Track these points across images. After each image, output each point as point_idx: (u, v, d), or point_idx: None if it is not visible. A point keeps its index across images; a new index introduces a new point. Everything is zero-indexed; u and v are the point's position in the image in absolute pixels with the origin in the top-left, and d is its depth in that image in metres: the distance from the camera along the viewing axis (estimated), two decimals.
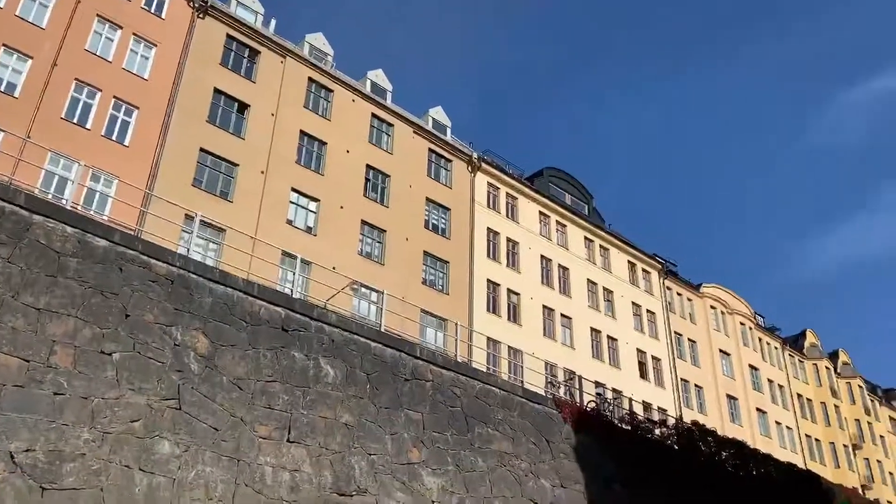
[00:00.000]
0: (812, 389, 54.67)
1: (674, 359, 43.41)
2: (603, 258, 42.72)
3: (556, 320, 37.25)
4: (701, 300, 48.61)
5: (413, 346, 17.18)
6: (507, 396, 18.60)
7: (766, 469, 26.72)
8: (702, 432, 25.29)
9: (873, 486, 51.85)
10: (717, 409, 44.20)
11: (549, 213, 40.20)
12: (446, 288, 32.51)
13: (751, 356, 49.69)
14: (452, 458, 16.17)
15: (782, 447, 46.41)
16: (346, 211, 29.90)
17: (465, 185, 35.91)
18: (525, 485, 17.44)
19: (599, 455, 20.05)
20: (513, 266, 36.48)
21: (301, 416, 13.85)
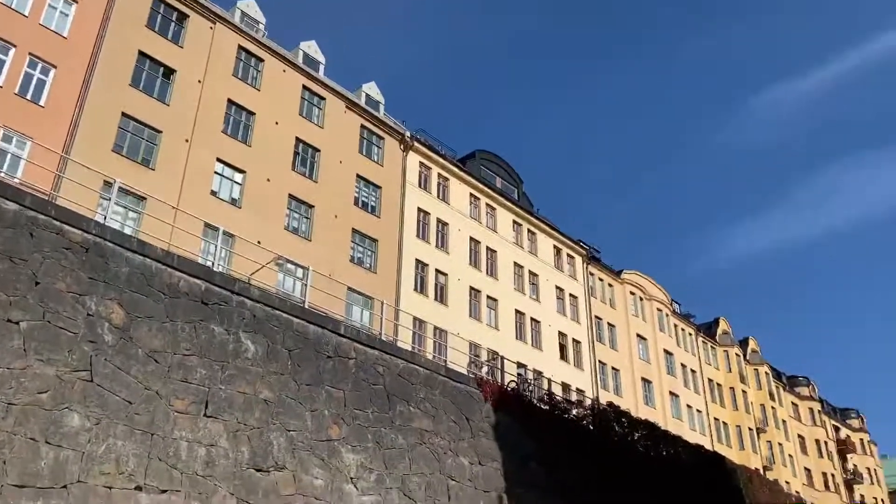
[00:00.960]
0: (722, 375, 57.13)
1: (593, 342, 44.60)
2: (530, 242, 43.38)
3: (482, 302, 37.68)
4: (621, 286, 50.00)
5: (337, 324, 17.12)
6: (430, 375, 18.77)
7: (676, 450, 27.90)
8: (616, 413, 26.18)
9: (774, 467, 54.75)
10: (633, 392, 45.71)
11: (479, 195, 40.48)
12: (374, 266, 32.41)
13: (666, 341, 51.50)
14: (373, 435, 16.25)
15: (692, 429, 48.41)
16: (273, 184, 29.36)
17: (397, 163, 35.76)
18: (444, 462, 17.68)
19: (518, 434, 20.50)
20: (442, 247, 36.64)
21: (219, 390, 13.64)
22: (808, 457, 62.95)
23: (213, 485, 12.78)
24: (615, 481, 22.84)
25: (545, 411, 22.74)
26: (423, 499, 16.66)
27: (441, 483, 17.30)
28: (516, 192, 45.16)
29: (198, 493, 12.51)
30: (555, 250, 45.12)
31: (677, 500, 25.25)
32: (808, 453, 63.24)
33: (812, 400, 68.36)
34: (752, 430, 55.65)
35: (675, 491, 25.39)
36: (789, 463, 58.40)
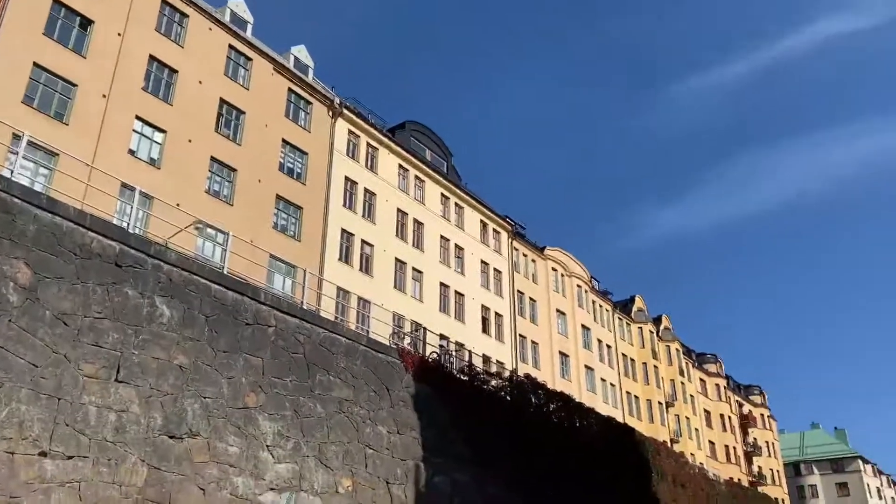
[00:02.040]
0: (636, 350, 59.19)
1: (515, 316, 45.41)
2: (457, 216, 43.60)
3: (407, 273, 37.74)
4: (544, 262, 50.96)
5: (257, 291, 16.85)
6: (351, 345, 18.74)
7: (589, 421, 28.83)
8: (533, 385, 26.81)
9: (680, 439, 57.32)
10: (550, 365, 46.88)
11: (408, 166, 40.33)
12: (298, 234, 31.96)
13: (584, 317, 52.91)
14: (291, 403, 16.15)
15: (605, 402, 50.11)
16: (195, 145, 28.46)
17: (325, 130, 35.19)
18: (362, 431, 17.77)
19: (437, 404, 20.76)
20: (368, 217, 36.41)
21: (132, 355, 13.26)
22: (712, 430, 66.15)
23: (123, 451, 12.49)
24: (530, 450, 23.48)
25: (465, 382, 23.09)
26: (341, 467, 16.73)
27: (359, 451, 17.40)
28: (445, 165, 45.21)
29: (107, 460, 12.20)
30: (481, 225, 45.51)
31: (589, 470, 26.18)
32: (712, 427, 66.44)
33: (719, 377, 71.68)
34: (661, 404, 58.00)
35: (586, 460, 26.30)
36: (695, 436, 61.24)
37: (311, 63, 36.47)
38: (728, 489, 40.68)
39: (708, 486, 37.13)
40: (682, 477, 34.10)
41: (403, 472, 18.61)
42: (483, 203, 46.01)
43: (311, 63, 36.53)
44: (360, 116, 37.72)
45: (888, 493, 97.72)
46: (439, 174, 42.69)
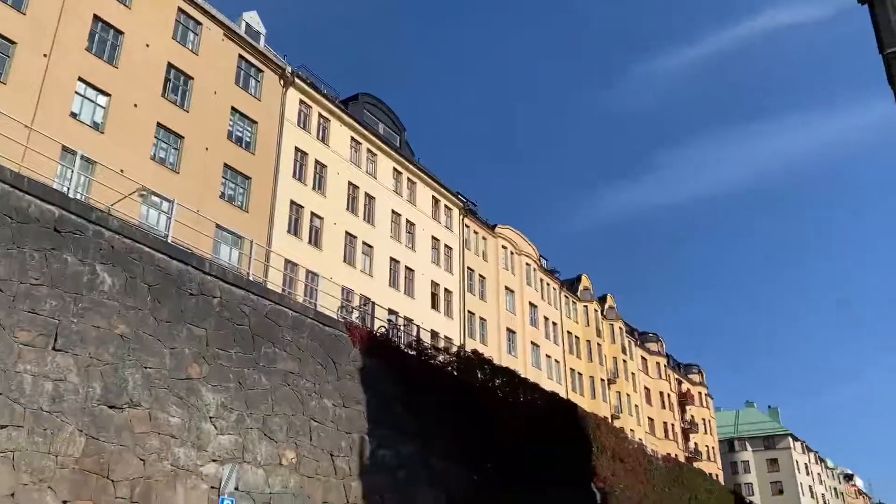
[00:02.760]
0: (581, 328, 60.26)
1: (464, 292, 45.71)
2: (409, 191, 43.46)
3: (357, 247, 37.56)
4: (494, 240, 51.30)
5: (202, 261, 16.57)
6: (298, 318, 18.63)
7: (533, 396, 29.33)
8: (479, 360, 27.10)
9: (621, 416, 58.79)
10: (497, 341, 47.42)
11: (360, 139, 39.95)
12: (246, 205, 31.45)
13: (532, 295, 53.58)
14: (235, 375, 16.02)
15: (550, 378, 51.00)
16: (141, 110, 27.67)
17: (276, 99, 34.57)
18: (307, 404, 17.74)
19: (384, 378, 20.84)
20: (319, 189, 36.02)
21: (70, 323, 12.95)
22: (652, 407, 68.00)
23: (59, 421, 12.23)
24: (476, 424, 23.80)
25: (412, 357, 23.21)
26: (285, 439, 16.70)
27: (303, 424, 17.39)
28: (398, 139, 44.94)
29: (42, 430, 11.94)
30: (433, 201, 45.48)
31: (532, 443, 26.68)
32: (652, 404, 68.30)
33: (660, 355, 73.57)
34: (603, 381, 59.31)
35: (530, 434, 26.79)
36: (635, 412, 62.88)
37: (262, 30, 35.69)
38: (665, 464, 41.93)
39: (646, 462, 38.21)
40: (621, 452, 35.00)
41: (348, 445, 18.68)
42: (435, 179, 45.95)
43: (263, 30, 35.76)
44: (313, 86, 37.14)
45: (815, 468, 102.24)
46: (392, 148, 42.43)
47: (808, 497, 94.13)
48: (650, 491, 36.64)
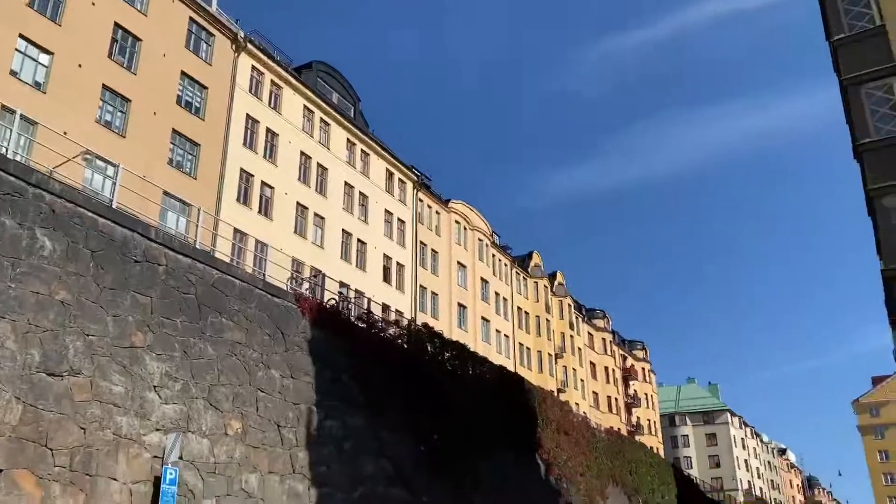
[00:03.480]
0: (530, 304, 61.02)
1: (416, 266, 45.77)
2: (363, 163, 43.10)
3: (308, 219, 37.19)
4: (448, 215, 51.37)
5: (147, 228, 16.25)
6: (246, 288, 18.46)
7: (482, 370, 29.72)
8: (430, 334, 27.28)
9: (567, 389, 59.92)
10: (448, 315, 47.72)
11: (313, 108, 39.36)
12: (195, 172, 30.79)
13: (484, 270, 53.96)
14: (181, 344, 15.83)
15: (499, 352, 51.62)
16: (86, 71, 26.73)
17: (227, 65, 33.75)
18: (254, 374, 17.66)
19: (333, 350, 20.84)
20: (270, 158, 35.45)
21: (8, 288, 12.59)
22: (597, 382, 69.49)
23: None
24: (424, 396, 24.02)
25: (362, 329, 23.24)
26: (231, 409, 16.62)
27: (250, 394, 17.32)
28: (353, 110, 44.43)
29: None
30: (387, 173, 45.22)
31: (480, 415, 27.07)
32: (597, 379, 69.78)
33: (606, 332, 75.04)
34: (551, 356, 60.30)
35: (478, 407, 27.17)
36: (580, 387, 64.17)
37: None
38: (608, 437, 43.00)
39: (589, 434, 39.14)
40: (565, 424, 35.77)
41: (295, 416, 18.69)
42: (390, 151, 45.65)
43: None
44: (265, 53, 36.37)
45: (751, 443, 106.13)
46: (346, 119, 41.94)
47: (743, 470, 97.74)
48: (592, 462, 37.60)
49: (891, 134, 16.15)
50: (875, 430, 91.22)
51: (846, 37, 18.04)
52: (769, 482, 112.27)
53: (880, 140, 16.16)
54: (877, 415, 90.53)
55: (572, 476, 34.52)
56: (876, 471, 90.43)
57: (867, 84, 16.90)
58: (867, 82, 16.90)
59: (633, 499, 42.68)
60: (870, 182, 16.31)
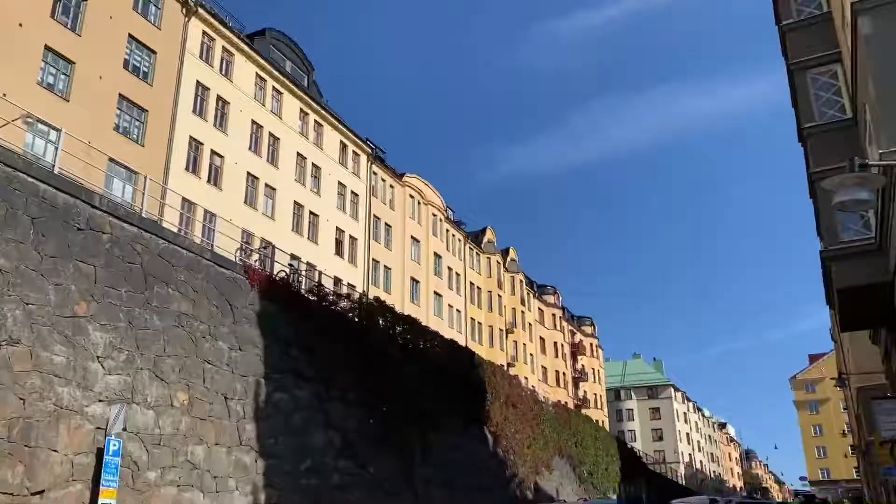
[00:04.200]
0: (483, 279, 61.46)
1: (369, 240, 45.58)
2: (316, 134, 42.54)
3: (259, 189, 36.63)
4: (402, 188, 51.18)
5: (91, 195, 15.80)
6: (193, 258, 18.15)
7: (433, 344, 29.91)
8: (381, 308, 27.29)
9: (517, 364, 60.77)
10: (401, 289, 47.77)
11: (266, 77, 38.61)
12: (142, 139, 29.99)
13: (437, 245, 54.05)
14: (125, 315, 15.52)
15: (450, 327, 51.95)
16: (27, 31, 25.68)
17: (177, 29, 32.80)
18: (201, 346, 17.44)
19: (283, 322, 20.69)
20: (220, 127, 34.72)
21: None
22: (546, 356, 70.60)
23: None
24: (375, 370, 24.07)
25: (313, 302, 23.10)
26: (177, 381, 16.40)
27: (197, 366, 17.11)
28: (306, 79, 43.71)
29: None
30: (340, 145, 44.75)
31: (430, 388, 27.28)
32: (546, 353, 70.89)
33: (556, 308, 76.14)
34: (502, 331, 60.97)
35: (428, 380, 27.37)
36: (530, 361, 65.14)
37: None
38: (555, 410, 43.84)
39: (537, 407, 39.84)
40: (514, 398, 36.33)
41: (243, 388, 18.56)
42: (343, 123, 45.14)
43: None
44: (217, 18, 35.45)
45: (693, 417, 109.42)
46: (299, 88, 41.26)
47: (685, 443, 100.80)
48: (539, 435, 38.34)
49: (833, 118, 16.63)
50: (810, 405, 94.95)
51: (794, 22, 18.40)
52: (709, 455, 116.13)
53: (823, 124, 16.61)
54: (812, 391, 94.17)
55: (519, 448, 35.16)
56: (809, 444, 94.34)
57: (813, 69, 17.30)
58: (813, 67, 17.30)
59: (577, 470, 43.71)
60: (812, 165, 16.79)
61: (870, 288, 14.35)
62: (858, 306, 15.59)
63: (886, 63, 11.56)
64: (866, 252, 14.43)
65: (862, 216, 14.86)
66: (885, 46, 11.66)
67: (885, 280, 13.88)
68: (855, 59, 13.26)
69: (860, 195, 7.69)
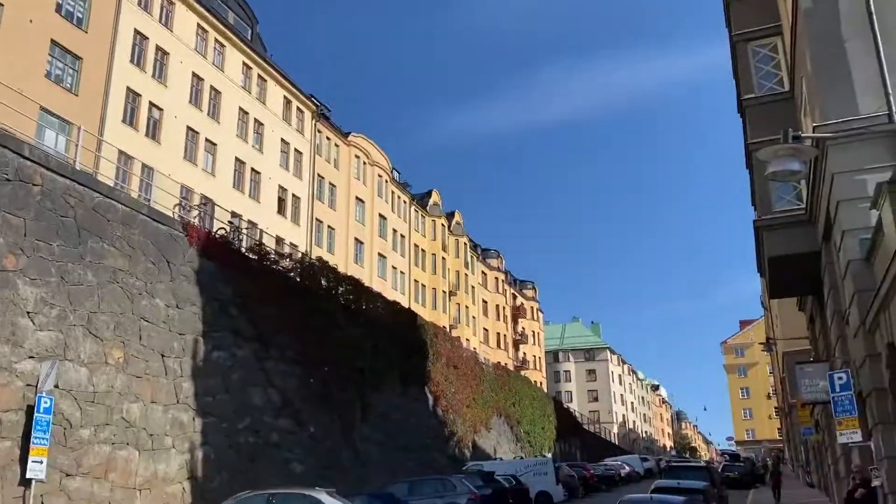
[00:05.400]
0: (427, 242, 61.53)
1: (313, 199, 44.98)
2: (259, 89, 41.47)
3: (199, 144, 35.63)
4: (347, 148, 50.51)
5: (20, 144, 15.15)
6: (129, 213, 17.65)
7: (376, 305, 29.94)
8: (324, 268, 27.12)
9: (459, 326, 61.37)
10: (345, 250, 47.46)
11: (208, 28, 37.30)
12: (76, 88, 28.73)
13: (382, 206, 53.74)
14: (57, 269, 15.05)
15: (394, 289, 52.00)
16: None
17: None
18: (137, 303, 17.08)
19: (222, 280, 20.39)
20: (159, 79, 33.50)
21: None
22: (488, 319, 71.46)
23: None
24: (316, 330, 24.00)
25: (253, 261, 22.81)
26: (112, 338, 16.06)
27: (132, 323, 16.77)
28: (250, 32, 42.43)
29: None
30: (284, 101, 43.77)
31: (372, 349, 27.37)
32: (488, 316, 71.74)
33: (499, 271, 76.91)
34: (445, 293, 61.35)
35: (370, 340, 27.44)
36: (472, 323, 65.86)
37: None
38: (495, 372, 44.60)
39: (478, 369, 40.45)
40: (455, 359, 36.79)
41: (181, 347, 18.30)
42: (288, 79, 44.09)
43: None
44: None
45: (627, 379, 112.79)
46: (242, 41, 40.04)
47: (619, 404, 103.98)
48: (479, 395, 39.00)
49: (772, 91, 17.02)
50: (739, 369, 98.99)
51: None
52: (642, 416, 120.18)
53: (762, 96, 17.00)
54: (741, 355, 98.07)
55: (459, 408, 35.73)
56: (737, 406, 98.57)
57: (754, 42, 17.60)
58: (754, 40, 17.59)
59: (514, 429, 44.73)
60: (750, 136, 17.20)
61: (799, 257, 14.91)
62: (787, 274, 16.20)
63: (824, 38, 11.86)
64: (797, 222, 14.96)
65: (795, 187, 15.37)
66: (824, 21, 11.95)
67: (813, 249, 14.44)
68: (794, 32, 13.57)
69: (792, 165, 7.94)
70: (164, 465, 16.83)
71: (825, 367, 15.86)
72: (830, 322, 14.92)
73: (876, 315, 9.58)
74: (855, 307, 10.85)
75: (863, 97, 10.92)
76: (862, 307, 10.30)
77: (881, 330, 9.57)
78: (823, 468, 26.39)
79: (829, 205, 11.77)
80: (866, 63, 10.93)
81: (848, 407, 10.95)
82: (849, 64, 11.18)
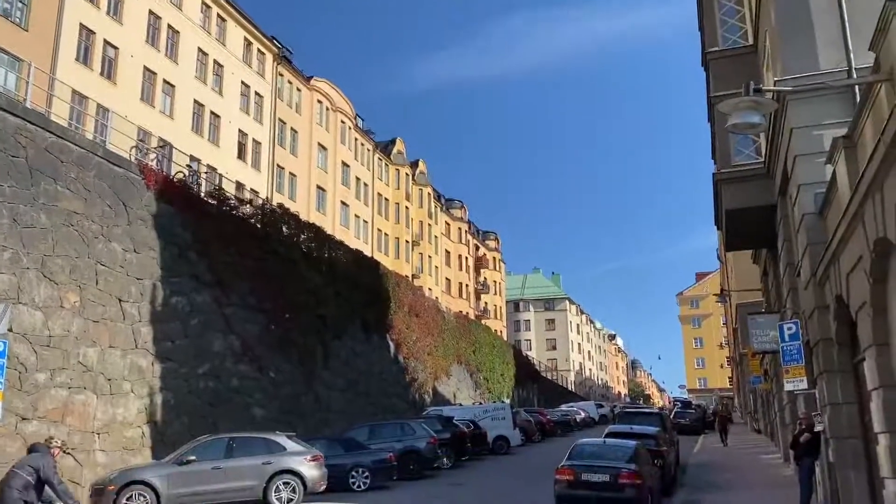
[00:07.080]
0: (391, 191, 61.18)
1: (274, 145, 44.22)
2: (219, 29, 40.21)
3: (157, 85, 34.58)
4: (310, 93, 49.52)
5: None
6: (84, 155, 17.18)
7: (338, 253, 29.86)
8: (285, 215, 26.89)
9: (421, 275, 61.60)
10: (307, 198, 46.94)
11: None
12: (25, 22, 27.51)
13: (345, 154, 53.10)
14: (9, 212, 14.66)
15: (357, 237, 51.79)
16: None
17: None
18: (94, 247, 16.76)
19: (180, 225, 20.09)
20: (114, 15, 32.22)
21: None
22: (450, 269, 71.84)
23: None
24: (277, 276, 23.88)
25: (212, 206, 22.48)
26: (68, 282, 15.78)
27: (89, 267, 16.48)
28: None
29: None
30: (245, 43, 42.57)
31: (334, 296, 27.39)
32: (451, 266, 72.11)
33: (462, 221, 77.04)
34: (408, 243, 61.36)
35: (333, 288, 27.44)
36: (434, 273, 66.15)
37: None
38: (456, 320, 45.06)
39: (439, 317, 40.82)
40: (417, 307, 37.04)
41: (139, 291, 18.08)
42: (249, 19, 42.78)
43: None
44: None
45: (585, 328, 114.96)
46: None
47: (576, 352, 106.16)
48: (440, 343, 39.44)
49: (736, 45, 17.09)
50: (693, 320, 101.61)
51: None
52: (598, 364, 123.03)
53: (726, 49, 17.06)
54: (696, 307, 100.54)
55: (420, 355, 36.13)
56: (690, 356, 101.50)
57: None
58: None
59: (474, 376, 45.48)
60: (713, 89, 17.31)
61: (755, 210, 15.21)
62: (744, 227, 16.54)
63: None
64: (755, 175, 15.21)
65: (754, 141, 15.58)
66: None
67: (769, 203, 14.73)
68: None
69: (752, 118, 8.02)
70: (122, 409, 16.78)
71: (776, 318, 16.34)
72: (783, 274, 15.33)
73: (826, 268, 9.86)
74: (807, 260, 11.15)
75: (824, 52, 11.02)
76: (814, 260, 10.60)
77: (830, 283, 9.87)
78: (770, 415, 27.46)
79: (787, 159, 11.98)
80: (829, 18, 11.01)
81: (796, 356, 11.35)
82: (811, 19, 11.24)
